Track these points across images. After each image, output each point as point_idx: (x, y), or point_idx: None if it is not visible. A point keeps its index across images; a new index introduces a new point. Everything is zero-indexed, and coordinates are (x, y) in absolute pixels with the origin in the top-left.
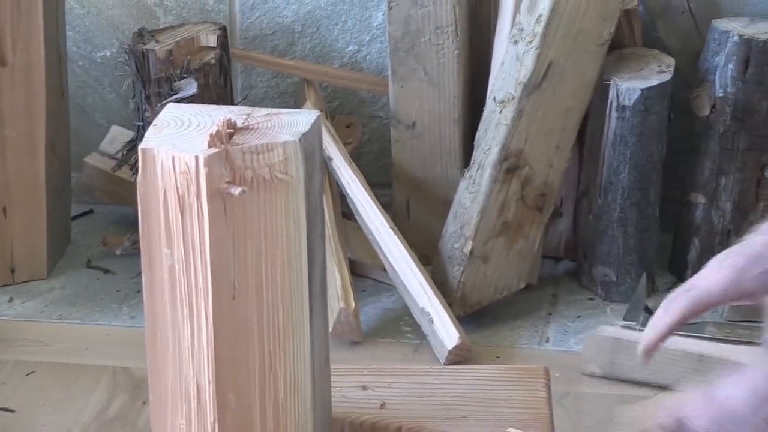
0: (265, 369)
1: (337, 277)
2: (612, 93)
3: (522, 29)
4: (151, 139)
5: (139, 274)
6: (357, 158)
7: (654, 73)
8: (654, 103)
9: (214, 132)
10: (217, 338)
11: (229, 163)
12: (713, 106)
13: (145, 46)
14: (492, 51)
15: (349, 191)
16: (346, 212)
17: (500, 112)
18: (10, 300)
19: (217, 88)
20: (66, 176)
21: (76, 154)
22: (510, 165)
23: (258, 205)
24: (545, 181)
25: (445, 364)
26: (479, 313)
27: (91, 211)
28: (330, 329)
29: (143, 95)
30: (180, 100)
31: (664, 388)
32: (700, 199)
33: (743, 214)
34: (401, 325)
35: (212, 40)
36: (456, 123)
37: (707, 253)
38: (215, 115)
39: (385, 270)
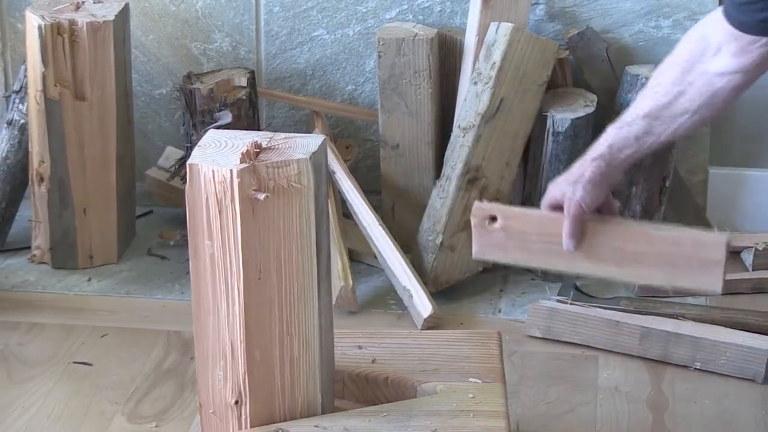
0: (283, 332)
1: (338, 262)
2: (549, 122)
3: (480, 73)
4: (196, 157)
5: (187, 260)
6: (354, 171)
7: (581, 107)
8: (581, 130)
9: (245, 151)
10: (246, 309)
11: (256, 175)
12: None
13: (192, 86)
14: (457, 89)
15: (348, 197)
16: (345, 213)
17: (463, 136)
18: (89, 279)
19: (247, 118)
20: (131, 185)
21: (139, 167)
22: (471, 177)
23: (278, 207)
24: (498, 189)
25: (421, 329)
26: (448, 290)
27: (151, 212)
28: (333, 302)
29: (191, 123)
30: (218, 127)
31: (588, 347)
32: (617, 202)
33: (649, 214)
34: (388, 299)
35: (243, 81)
36: (429, 145)
37: None
38: (245, 139)
39: (375, 257)
